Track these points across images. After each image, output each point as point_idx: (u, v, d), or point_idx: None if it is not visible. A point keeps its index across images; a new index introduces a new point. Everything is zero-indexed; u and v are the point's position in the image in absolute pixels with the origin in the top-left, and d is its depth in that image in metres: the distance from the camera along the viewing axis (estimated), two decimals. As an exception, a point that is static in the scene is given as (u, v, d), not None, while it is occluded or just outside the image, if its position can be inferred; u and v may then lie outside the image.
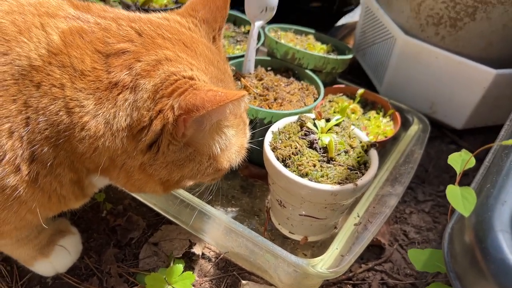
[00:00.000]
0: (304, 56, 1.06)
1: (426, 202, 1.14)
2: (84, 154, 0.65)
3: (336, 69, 1.10)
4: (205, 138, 0.69)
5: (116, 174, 0.70)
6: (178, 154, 0.67)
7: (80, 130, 0.62)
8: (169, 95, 0.62)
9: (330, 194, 0.78)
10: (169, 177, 0.69)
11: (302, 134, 0.86)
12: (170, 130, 0.62)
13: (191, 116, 0.60)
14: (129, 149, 0.65)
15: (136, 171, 0.68)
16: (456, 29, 1.15)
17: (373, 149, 0.86)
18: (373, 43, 1.39)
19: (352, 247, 0.81)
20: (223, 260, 0.94)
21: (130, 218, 0.99)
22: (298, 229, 0.90)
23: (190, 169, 0.70)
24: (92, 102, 0.62)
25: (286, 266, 0.79)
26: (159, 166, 0.67)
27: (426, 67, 1.24)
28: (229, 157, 0.75)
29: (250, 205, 1.01)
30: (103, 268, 0.91)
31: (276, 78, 1.05)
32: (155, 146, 0.65)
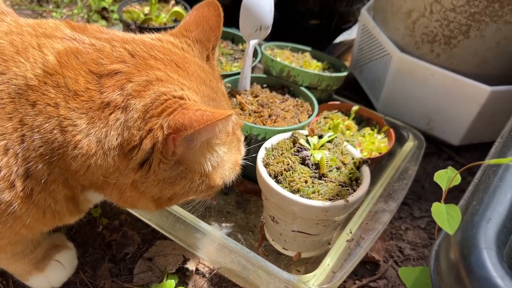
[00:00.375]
0: (299, 73, 1.08)
1: (422, 218, 1.14)
2: (78, 172, 0.67)
3: (331, 86, 1.11)
4: (196, 156, 0.70)
5: (110, 191, 0.71)
6: (169, 172, 0.68)
7: (73, 149, 0.64)
8: (158, 114, 0.63)
9: (321, 210, 0.78)
10: (160, 195, 0.71)
11: (294, 150, 0.87)
12: (160, 149, 0.64)
13: (180, 135, 0.61)
14: (121, 167, 0.66)
15: (128, 188, 0.69)
16: (451, 47, 1.16)
17: (365, 166, 0.87)
18: (370, 60, 1.41)
19: (344, 264, 0.81)
20: (217, 276, 0.95)
21: (125, 233, 1.00)
22: (291, 245, 0.91)
23: (181, 187, 0.71)
24: (84, 122, 0.63)
25: (277, 283, 0.80)
26: (150, 184, 0.68)
27: (422, 83, 1.25)
28: (222, 174, 0.76)
29: (245, 220, 1.02)
30: (97, 283, 0.92)
31: (271, 95, 1.07)
32: (146, 164, 0.66)
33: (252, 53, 1.03)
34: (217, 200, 1.05)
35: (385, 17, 1.30)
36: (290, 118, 1.00)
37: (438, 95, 1.24)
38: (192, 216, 0.88)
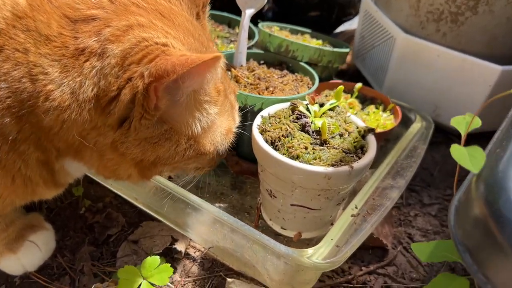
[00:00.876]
0: (298, 48, 1.01)
1: (433, 205, 1.06)
2: (51, 129, 0.59)
3: (333, 63, 1.05)
4: (183, 114, 0.63)
5: (89, 155, 0.64)
6: (151, 130, 0.61)
7: (44, 100, 0.57)
8: (138, 61, 0.57)
9: (323, 177, 0.70)
10: (142, 157, 0.63)
11: (293, 117, 0.80)
12: (141, 101, 0.57)
13: (161, 83, 0.55)
14: (99, 124, 0.59)
15: (108, 149, 0.62)
16: (458, 25, 1.11)
17: (371, 135, 0.80)
18: (372, 47, 1.35)
19: (350, 239, 0.73)
20: (209, 260, 0.86)
21: (109, 215, 0.92)
22: (290, 223, 0.82)
23: (166, 149, 0.64)
24: (57, 70, 0.57)
25: (275, 259, 0.71)
26: (131, 144, 0.61)
27: (428, 66, 1.18)
28: (213, 140, 0.69)
29: (240, 201, 0.94)
30: (76, 266, 0.83)
31: (268, 71, 1.00)
32: (127, 122, 0.60)
33: (247, 25, 0.97)
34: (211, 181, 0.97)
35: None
36: (288, 90, 0.93)
37: (445, 78, 1.17)
38: (181, 189, 0.80)
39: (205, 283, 0.82)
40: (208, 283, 0.82)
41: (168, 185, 0.80)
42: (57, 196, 0.93)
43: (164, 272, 0.71)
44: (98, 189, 0.99)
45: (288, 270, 0.71)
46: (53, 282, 0.81)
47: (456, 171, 1.17)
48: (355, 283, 0.85)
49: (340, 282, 0.84)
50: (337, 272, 0.87)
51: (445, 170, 1.18)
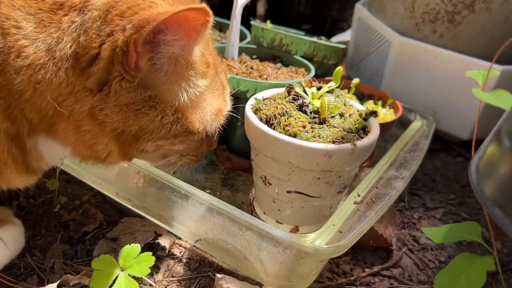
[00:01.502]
0: (292, 41, 0.97)
1: (437, 209, 0.99)
2: (23, 94, 0.53)
3: (328, 58, 1.00)
4: (168, 83, 0.58)
5: (63, 127, 0.57)
6: (133, 95, 0.55)
7: (16, 57, 0.51)
8: (122, 14, 0.52)
9: (324, 154, 0.64)
10: (124, 127, 0.57)
11: (290, 99, 0.74)
12: (120, 58, 0.52)
13: (141, 34, 0.50)
14: (77, 87, 0.54)
15: (86, 118, 0.55)
16: (455, 24, 1.08)
17: (373, 117, 0.74)
18: (366, 55, 1.32)
19: (354, 226, 0.65)
20: (196, 260, 0.77)
21: (86, 212, 0.83)
22: (286, 215, 0.75)
23: (150, 119, 0.58)
24: (32, 25, 0.52)
25: (271, 247, 0.63)
26: (111, 111, 0.55)
27: (425, 70, 1.15)
28: (202, 118, 0.63)
29: (231, 198, 0.86)
30: (46, 265, 0.73)
31: (262, 64, 0.95)
32: (106, 86, 0.54)
33: (240, 15, 0.93)
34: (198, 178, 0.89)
35: (382, 3, 1.23)
36: (283, 78, 0.87)
37: (443, 81, 1.13)
38: (166, 175, 0.72)
39: (191, 284, 0.73)
40: (195, 284, 0.73)
41: (153, 171, 0.73)
42: (30, 192, 0.86)
43: (145, 262, 0.62)
44: (75, 187, 0.91)
45: (286, 260, 0.63)
46: (19, 282, 0.71)
47: (457, 177, 1.11)
48: (358, 284, 0.77)
49: (341, 284, 0.76)
50: (338, 274, 0.78)
51: (447, 176, 1.12)
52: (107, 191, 0.81)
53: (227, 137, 0.92)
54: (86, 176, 0.82)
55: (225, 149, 0.92)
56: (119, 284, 0.61)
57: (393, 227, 0.89)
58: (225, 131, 0.90)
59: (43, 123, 0.57)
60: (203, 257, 0.77)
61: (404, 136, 0.93)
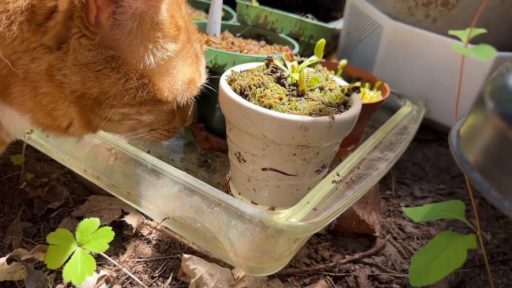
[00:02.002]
0: (278, 18, 0.93)
1: (425, 198, 0.95)
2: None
3: (315, 38, 0.96)
4: (133, 44, 0.53)
5: (19, 90, 0.52)
6: (94, 54, 0.51)
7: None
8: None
9: (300, 127, 0.59)
10: (83, 89, 0.52)
11: (268, 71, 0.70)
12: (79, 12, 0.48)
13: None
14: (33, 44, 0.49)
15: (43, 79, 0.51)
16: (449, 8, 1.04)
17: (356, 94, 0.70)
18: (358, 42, 1.28)
19: (330, 205, 0.61)
20: (166, 242, 0.73)
21: (53, 189, 0.79)
22: (262, 195, 0.70)
23: (112, 83, 0.53)
24: None
25: (241, 223, 0.59)
26: (69, 70, 0.51)
27: (417, 55, 1.11)
28: (172, 86, 0.59)
29: (207, 178, 0.82)
30: (4, 242, 0.69)
31: (245, 41, 0.91)
32: (65, 44, 0.50)
33: (222, -11, 0.89)
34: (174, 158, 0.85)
35: (375, -12, 1.19)
36: (265, 54, 0.83)
37: (436, 67, 1.09)
38: (134, 149, 0.68)
39: (158, 265, 0.68)
40: (163, 265, 0.68)
41: (120, 145, 0.69)
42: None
43: (104, 237, 0.58)
44: (45, 165, 0.86)
45: (256, 238, 0.59)
46: (-26, 260, 0.66)
47: (449, 168, 1.07)
48: (337, 271, 0.72)
49: (318, 269, 0.71)
50: (316, 259, 0.74)
51: (438, 166, 1.07)
52: (75, 168, 0.77)
53: (205, 116, 0.88)
54: (54, 152, 0.78)
55: (202, 129, 0.87)
56: (74, 260, 0.56)
57: (377, 214, 0.85)
58: (203, 109, 0.86)
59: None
60: (173, 239, 0.73)
61: (392, 120, 0.89)
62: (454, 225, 0.87)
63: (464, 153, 0.40)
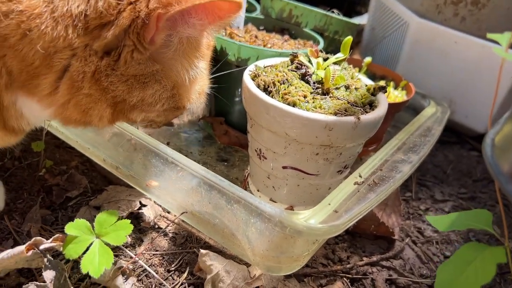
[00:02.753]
0: (303, 12, 0.91)
1: (446, 202, 0.93)
2: (7, 39, 0.48)
3: (340, 34, 0.94)
4: (174, 59, 0.55)
5: (52, 83, 0.52)
6: (143, 67, 0.52)
7: (6, 0, 0.46)
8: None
9: (324, 127, 0.58)
10: (126, 97, 0.54)
11: (292, 67, 0.68)
12: (138, 29, 0.49)
13: (168, 11, 0.47)
14: (77, 45, 0.49)
15: (88, 81, 0.51)
16: (479, 7, 1.01)
17: (382, 93, 0.68)
18: (382, 38, 1.25)
19: (352, 207, 0.60)
20: (183, 236, 0.72)
21: (72, 178, 0.79)
22: (281, 193, 0.69)
23: (152, 93, 0.55)
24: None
25: (260, 222, 0.58)
26: (118, 79, 0.52)
27: (444, 55, 1.08)
28: (190, 96, 0.61)
29: (225, 173, 0.81)
30: (23, 229, 0.69)
31: (268, 35, 0.89)
32: (115, 51, 0.50)
33: (247, -20, 0.87)
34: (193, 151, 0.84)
35: (402, -17, 1.16)
36: (289, 49, 0.82)
37: (462, 68, 1.07)
38: (153, 140, 0.68)
39: (175, 259, 0.68)
40: (179, 259, 0.68)
41: (142, 137, 0.68)
42: (15, 154, 0.82)
43: (122, 230, 0.58)
44: (64, 153, 0.87)
45: (275, 238, 0.58)
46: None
47: (470, 171, 1.05)
48: (354, 273, 0.71)
49: (335, 271, 0.70)
50: (333, 260, 0.73)
51: (459, 169, 1.05)
52: (95, 157, 0.76)
53: (225, 110, 0.87)
54: (74, 141, 0.78)
55: (223, 123, 0.86)
56: (92, 252, 0.56)
57: (397, 216, 0.83)
58: (223, 103, 0.85)
59: (23, 74, 0.51)
60: (190, 233, 0.72)
61: (416, 120, 0.87)
62: (475, 231, 0.85)
63: (499, 164, 0.38)
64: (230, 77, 0.77)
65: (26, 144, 0.83)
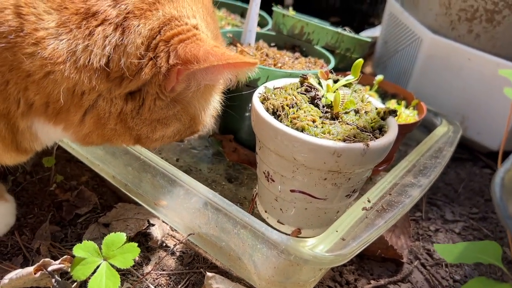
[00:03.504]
0: (314, 30, 0.91)
1: (456, 222, 0.92)
2: (31, 75, 0.49)
3: (351, 51, 0.94)
4: (193, 98, 0.59)
5: (79, 117, 0.54)
6: (165, 111, 0.56)
7: (32, 44, 0.48)
8: (167, 40, 0.51)
9: (332, 153, 0.58)
10: (150, 135, 0.57)
11: (302, 90, 0.68)
12: (159, 81, 0.52)
13: (188, 68, 0.50)
14: (102, 88, 0.51)
15: (113, 119, 0.54)
16: (493, 25, 0.99)
17: (392, 117, 0.67)
18: (395, 52, 1.24)
19: (360, 234, 0.59)
20: (190, 255, 0.73)
21: (81, 194, 0.79)
22: (289, 215, 0.69)
23: (173, 129, 0.59)
24: (54, 20, 0.48)
25: (266, 248, 0.58)
26: (142, 122, 0.55)
27: (457, 71, 1.07)
28: (204, 121, 0.64)
29: (233, 191, 0.81)
30: (33, 246, 0.70)
31: (279, 52, 0.89)
32: (138, 97, 0.53)
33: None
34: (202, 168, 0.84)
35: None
36: (299, 69, 0.81)
37: (475, 85, 1.05)
38: (162, 161, 0.68)
39: (181, 279, 0.68)
40: (185, 280, 0.68)
41: (150, 157, 0.69)
42: (27, 168, 0.83)
43: (129, 253, 0.58)
44: (75, 167, 0.87)
45: (281, 264, 0.58)
46: (3, 262, 0.68)
47: (482, 190, 1.03)
48: (362, 297, 0.71)
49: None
50: (340, 283, 0.72)
51: (471, 188, 1.04)
52: (105, 174, 0.77)
53: (234, 127, 0.87)
54: (84, 157, 0.78)
55: (232, 140, 0.87)
56: (99, 274, 0.56)
57: (406, 238, 0.82)
58: (233, 120, 0.86)
59: (50, 109, 0.53)
60: (197, 252, 0.73)
61: (427, 141, 0.86)
62: (485, 254, 0.83)
63: (508, 206, 0.38)
64: (240, 95, 0.77)
65: (38, 159, 0.84)
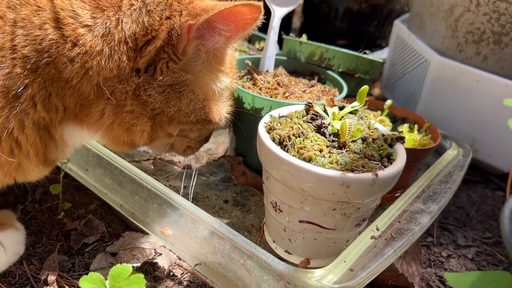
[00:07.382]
0: (335, 55, 0.91)
1: (469, 247, 0.90)
2: (69, 82, 0.54)
3: (369, 73, 0.94)
4: (203, 72, 0.63)
5: (100, 109, 0.58)
6: (177, 76, 0.59)
7: (72, 46, 0.52)
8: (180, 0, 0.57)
9: (341, 184, 0.57)
10: (164, 107, 0.60)
11: (308, 118, 0.68)
12: (173, 41, 0.56)
13: (197, 20, 0.55)
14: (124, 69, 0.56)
15: (129, 98, 0.58)
16: (501, 47, 0.99)
17: (400, 144, 0.67)
18: (403, 75, 1.24)
19: (368, 264, 0.58)
20: (197, 284, 0.72)
21: (89, 222, 0.79)
22: (297, 246, 0.68)
23: (187, 103, 0.62)
24: (88, 12, 0.53)
25: (273, 280, 0.57)
26: (155, 91, 0.58)
27: (465, 94, 1.06)
28: (220, 111, 0.68)
29: (241, 219, 0.81)
30: (40, 276, 0.70)
31: (295, 79, 0.89)
32: (151, 67, 0.58)
33: (278, 27, 0.87)
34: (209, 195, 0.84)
35: (422, 21, 1.15)
36: (307, 98, 0.81)
37: (485, 107, 1.04)
38: (168, 190, 0.68)
39: (188, 310, 0.67)
40: (193, 310, 0.67)
41: (156, 186, 0.69)
42: (36, 197, 0.83)
43: (135, 285, 0.57)
44: (83, 195, 0.88)
45: (288, 296, 0.57)
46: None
47: (495, 213, 1.01)
48: (373, 328, 0.69)
49: (353, 325, 0.68)
50: (351, 313, 0.71)
51: (484, 211, 1.02)
52: (112, 202, 0.77)
53: (244, 150, 0.87)
54: (92, 185, 0.79)
55: (241, 163, 0.86)
56: (106, 307, 0.56)
57: (417, 265, 0.81)
58: (242, 143, 0.86)
59: (77, 107, 0.57)
60: (204, 282, 0.72)
61: (437, 165, 0.85)
62: (499, 281, 0.81)
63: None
64: (249, 120, 0.79)
65: (47, 187, 0.84)
